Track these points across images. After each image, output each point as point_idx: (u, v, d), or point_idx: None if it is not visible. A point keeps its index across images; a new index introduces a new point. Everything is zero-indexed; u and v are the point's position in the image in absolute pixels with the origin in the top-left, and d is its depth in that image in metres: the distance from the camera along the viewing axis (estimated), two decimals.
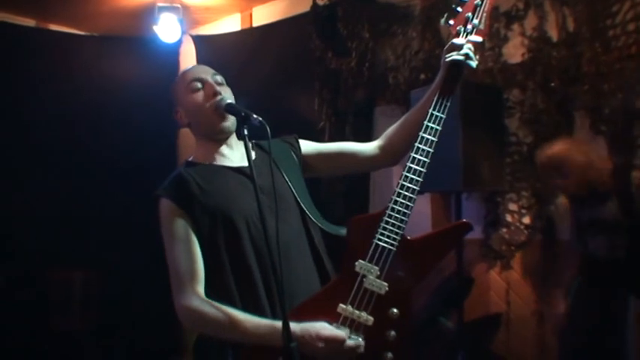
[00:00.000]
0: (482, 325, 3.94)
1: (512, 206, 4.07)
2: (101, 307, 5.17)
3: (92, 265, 5.09)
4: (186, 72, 2.07)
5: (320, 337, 1.71)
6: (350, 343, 1.74)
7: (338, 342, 1.72)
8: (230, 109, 1.89)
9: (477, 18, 1.96)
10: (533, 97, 3.87)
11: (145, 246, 3.23)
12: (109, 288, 5.05)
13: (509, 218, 4.09)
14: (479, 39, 1.93)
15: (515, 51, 3.96)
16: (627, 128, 3.44)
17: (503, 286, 4.14)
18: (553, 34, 3.79)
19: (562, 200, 3.60)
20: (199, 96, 1.97)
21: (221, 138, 2.01)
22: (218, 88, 1.96)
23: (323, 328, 1.74)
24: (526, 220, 4.02)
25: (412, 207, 1.82)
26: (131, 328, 5.09)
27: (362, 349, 1.77)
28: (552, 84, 3.78)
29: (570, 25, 3.71)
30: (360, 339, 1.78)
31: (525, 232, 4.02)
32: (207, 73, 2.01)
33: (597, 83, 3.60)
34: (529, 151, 3.93)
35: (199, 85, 1.98)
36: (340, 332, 1.75)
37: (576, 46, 3.67)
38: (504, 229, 4.10)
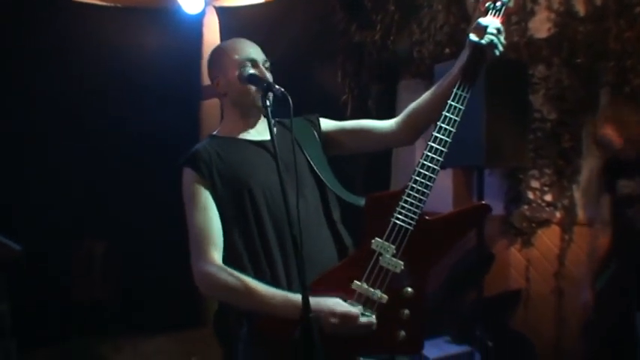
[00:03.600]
0: (501, 300, 3.94)
1: (535, 183, 4.05)
2: (123, 278, 5.24)
3: (114, 236, 5.15)
4: (238, 46, 2.05)
5: (334, 313, 1.73)
6: (363, 320, 1.76)
7: (351, 319, 1.74)
8: (252, 79, 1.90)
9: None
10: (559, 73, 3.84)
11: (167, 217, 3.26)
12: (131, 259, 5.11)
13: (530, 195, 4.08)
14: (498, 24, 1.86)
15: (541, 25, 3.92)
16: None
17: (523, 262, 4.14)
18: (580, 8, 3.74)
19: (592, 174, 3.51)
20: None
21: (254, 113, 2.03)
22: (268, 75, 1.98)
23: (337, 304, 1.76)
24: (548, 197, 4.01)
25: (431, 186, 1.81)
26: (152, 299, 5.15)
27: (374, 327, 1.78)
28: (578, 60, 3.74)
29: (597, 0, 3.65)
30: (373, 317, 1.79)
31: (547, 209, 4.01)
32: (260, 57, 2.02)
33: (623, 60, 3.56)
34: (553, 128, 3.90)
35: (250, 69, 1.97)
36: (354, 309, 1.76)
37: (603, 21, 3.62)
38: (526, 206, 4.09)
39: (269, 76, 1.99)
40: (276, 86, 1.80)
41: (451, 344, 3.77)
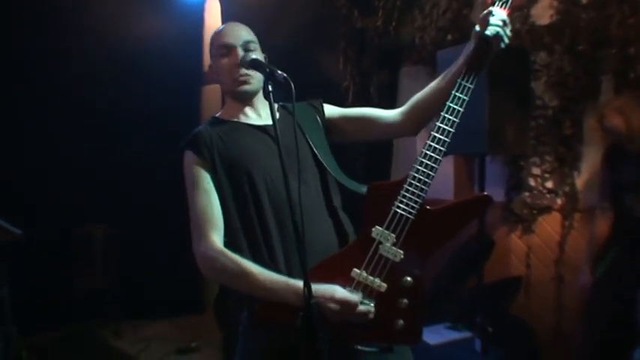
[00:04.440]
0: (501, 287, 3.96)
1: (536, 170, 4.06)
2: (123, 263, 5.25)
3: (114, 221, 5.16)
4: (218, 33, 2.06)
5: (333, 299, 1.73)
6: (362, 308, 1.76)
7: (350, 305, 1.74)
8: (255, 64, 1.89)
9: None
10: (560, 60, 3.83)
11: (168, 202, 3.27)
12: (131, 244, 5.12)
13: (532, 182, 4.08)
14: (504, 16, 1.84)
15: (543, 12, 3.90)
16: None
17: (523, 249, 4.15)
18: None
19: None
20: (225, 63, 1.98)
21: (244, 99, 2.03)
22: (243, 55, 1.95)
23: (336, 290, 1.76)
24: (549, 184, 4.01)
25: (433, 176, 1.80)
26: (153, 284, 5.18)
27: (372, 316, 1.78)
28: (580, 47, 3.73)
29: None
30: (372, 305, 1.79)
31: (548, 196, 4.01)
32: (238, 39, 2.00)
33: (625, 47, 3.55)
34: (554, 115, 3.90)
35: (225, 51, 1.99)
36: (353, 296, 1.76)
37: (605, 8, 3.61)
38: (527, 193, 4.10)
39: (255, 56, 1.94)
40: (279, 72, 1.79)
41: (451, 330, 3.78)
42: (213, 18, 5.45)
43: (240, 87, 1.97)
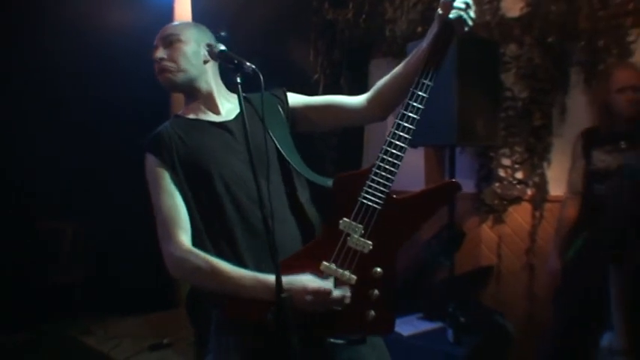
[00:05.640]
0: (473, 277, 3.99)
1: (506, 161, 4.09)
2: (92, 259, 5.20)
3: (82, 217, 5.10)
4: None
5: (307, 290, 1.72)
6: (337, 293, 1.75)
7: (325, 293, 1.73)
8: (223, 56, 1.86)
9: None
10: (530, 52, 3.87)
11: (138, 196, 3.23)
12: (100, 240, 5.07)
13: (502, 173, 4.11)
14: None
15: (513, 5, 3.93)
16: None
17: (494, 239, 4.19)
18: None
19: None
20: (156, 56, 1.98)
21: (188, 92, 2.01)
22: (161, 52, 1.95)
23: (309, 280, 1.74)
24: (519, 175, 4.05)
25: (399, 165, 1.78)
26: (123, 281, 5.13)
27: (348, 300, 1.77)
28: (549, 39, 3.76)
29: None
30: (346, 290, 1.78)
31: (518, 187, 4.05)
32: (162, 35, 1.99)
33: (594, 39, 3.59)
34: (524, 106, 3.93)
35: (155, 44, 1.99)
36: (327, 283, 1.75)
37: (575, 1, 3.65)
38: (497, 184, 4.13)
39: (175, 48, 1.95)
40: (247, 63, 1.76)
41: (424, 321, 3.79)
42: (183, 10, 5.39)
43: (159, 77, 1.96)
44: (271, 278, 1.62)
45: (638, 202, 2.90)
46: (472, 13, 1.84)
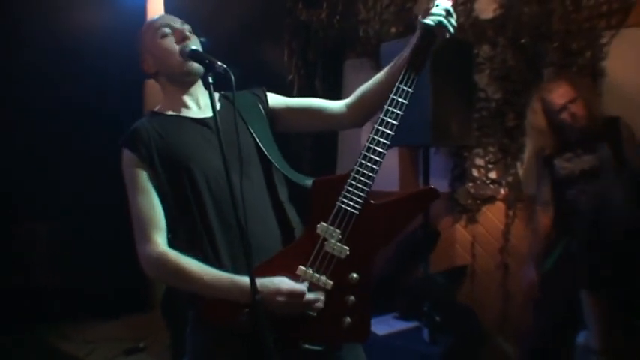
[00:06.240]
0: (447, 276, 4.01)
1: (479, 161, 4.12)
2: (66, 262, 5.13)
3: (58, 218, 5.04)
4: (154, 20, 2.02)
5: (280, 292, 1.71)
6: (310, 296, 1.75)
7: (298, 295, 1.73)
8: (194, 55, 1.85)
9: None
10: (503, 54, 3.90)
11: (113, 198, 3.20)
12: (75, 242, 5.00)
13: (475, 173, 4.14)
14: (448, 6, 1.86)
15: (486, 6, 3.96)
16: None
17: (468, 239, 4.21)
18: None
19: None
20: (169, 41, 1.94)
21: (188, 82, 1.98)
22: (188, 34, 1.95)
23: (282, 282, 1.73)
24: (492, 175, 4.08)
25: (377, 170, 1.79)
26: (98, 285, 5.07)
27: (321, 304, 1.77)
28: (522, 40, 3.80)
29: None
30: (320, 293, 1.77)
31: (491, 186, 4.08)
32: (176, 21, 1.98)
33: (567, 41, 3.63)
34: (497, 107, 3.96)
35: (169, 30, 1.95)
36: (300, 285, 1.75)
37: (548, 2, 3.68)
38: (470, 184, 4.16)
39: (193, 37, 1.95)
40: (219, 62, 1.75)
41: (399, 320, 3.81)
42: (156, 10, 5.35)
43: (188, 64, 1.91)
44: (247, 280, 1.62)
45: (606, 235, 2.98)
46: (453, 21, 1.87)
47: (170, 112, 1.98)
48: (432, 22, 1.83)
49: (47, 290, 5.09)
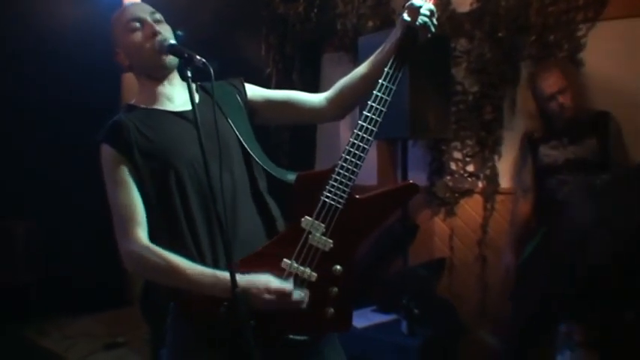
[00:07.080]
0: (426, 269, 4.02)
1: (457, 154, 4.14)
2: (45, 258, 5.09)
3: (35, 215, 4.99)
4: (123, 12, 1.97)
5: (268, 289, 1.71)
6: (296, 296, 1.76)
7: (284, 294, 1.73)
8: (173, 50, 1.83)
9: None
10: (480, 47, 3.91)
11: (90, 194, 3.17)
12: (53, 238, 4.96)
13: (453, 166, 4.16)
14: (432, 6, 1.87)
15: (463, 0, 3.97)
16: None
17: (447, 232, 4.23)
18: None
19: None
20: (138, 36, 1.90)
21: (163, 75, 1.94)
22: (157, 27, 1.90)
23: (269, 280, 1.73)
24: (470, 167, 4.10)
25: (361, 165, 1.82)
26: (76, 280, 5.04)
27: (305, 305, 1.78)
28: (500, 34, 3.82)
29: None
30: (305, 293, 1.79)
31: (469, 179, 4.10)
32: (146, 12, 1.93)
33: (544, 34, 3.66)
34: (475, 100, 3.98)
35: (138, 24, 1.90)
36: (287, 285, 1.75)
37: None
38: (448, 177, 4.17)
39: (164, 27, 1.91)
40: (198, 57, 1.73)
41: (378, 313, 3.82)
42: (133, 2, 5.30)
43: (162, 58, 1.87)
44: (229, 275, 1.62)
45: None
46: (435, 21, 1.88)
47: (147, 106, 1.95)
48: (415, 22, 1.85)
49: (25, 287, 5.04)
